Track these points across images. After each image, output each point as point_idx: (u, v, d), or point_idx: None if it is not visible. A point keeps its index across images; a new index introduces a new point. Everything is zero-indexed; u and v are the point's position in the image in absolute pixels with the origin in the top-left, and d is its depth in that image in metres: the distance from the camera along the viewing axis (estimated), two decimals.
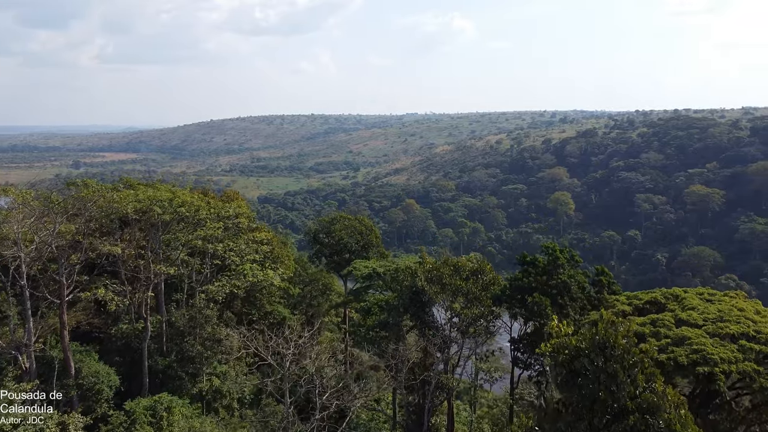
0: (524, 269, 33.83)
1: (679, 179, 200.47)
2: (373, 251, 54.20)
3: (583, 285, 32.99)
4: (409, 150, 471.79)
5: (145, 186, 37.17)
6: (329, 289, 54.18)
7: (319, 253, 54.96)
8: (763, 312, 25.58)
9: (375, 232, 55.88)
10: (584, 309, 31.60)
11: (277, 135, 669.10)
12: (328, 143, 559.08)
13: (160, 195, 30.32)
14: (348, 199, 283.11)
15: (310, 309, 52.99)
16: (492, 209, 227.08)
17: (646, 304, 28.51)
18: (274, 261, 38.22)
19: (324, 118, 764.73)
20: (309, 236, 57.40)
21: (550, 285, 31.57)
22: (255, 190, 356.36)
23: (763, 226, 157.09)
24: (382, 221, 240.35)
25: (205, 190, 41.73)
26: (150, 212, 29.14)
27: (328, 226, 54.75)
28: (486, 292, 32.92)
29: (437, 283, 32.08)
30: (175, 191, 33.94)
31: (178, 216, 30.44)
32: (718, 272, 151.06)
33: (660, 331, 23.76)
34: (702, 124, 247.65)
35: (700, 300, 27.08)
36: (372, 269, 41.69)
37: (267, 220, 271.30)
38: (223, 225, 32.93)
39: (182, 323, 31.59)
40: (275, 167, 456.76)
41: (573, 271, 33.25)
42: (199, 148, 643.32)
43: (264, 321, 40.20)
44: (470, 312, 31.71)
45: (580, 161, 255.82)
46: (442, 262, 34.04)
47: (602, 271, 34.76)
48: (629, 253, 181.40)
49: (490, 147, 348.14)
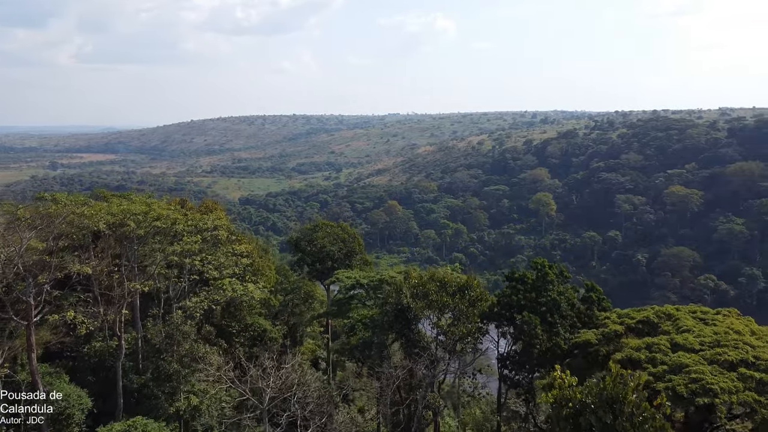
0: (513, 286, 33.17)
1: (659, 180, 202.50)
2: (357, 259, 53.36)
3: (573, 302, 32.44)
4: (391, 150, 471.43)
5: (119, 198, 35.83)
6: (311, 297, 53.29)
7: (301, 261, 53.94)
8: (758, 333, 25.24)
9: (358, 240, 55.04)
10: (574, 327, 31.08)
11: (259, 135, 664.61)
12: (309, 144, 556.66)
13: (135, 208, 29.11)
14: (330, 200, 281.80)
15: (292, 318, 52.02)
16: (474, 210, 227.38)
17: (639, 324, 28.05)
18: (255, 273, 37.19)
19: (306, 119, 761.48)
20: (291, 244, 56.33)
21: (539, 302, 30.97)
22: (236, 191, 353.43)
23: (740, 226, 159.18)
24: (365, 223, 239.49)
25: (182, 201, 40.47)
26: (124, 226, 28.01)
27: (310, 233, 53.77)
28: (473, 308, 32.23)
29: (423, 298, 31.33)
30: (151, 203, 32.74)
31: (153, 230, 29.31)
32: (697, 272, 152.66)
33: (656, 357, 23.24)
34: (680, 125, 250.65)
35: (694, 320, 26.66)
36: (355, 280, 40.85)
37: (248, 221, 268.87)
38: (201, 238, 31.85)
39: (159, 340, 30.46)
40: (256, 168, 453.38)
41: (562, 287, 32.69)
42: (179, 148, 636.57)
43: (244, 333, 39.18)
44: (457, 330, 30.98)
45: (561, 162, 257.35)
46: (429, 278, 33.24)
47: (592, 287, 34.24)
48: (610, 253, 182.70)
49: (472, 148, 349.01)
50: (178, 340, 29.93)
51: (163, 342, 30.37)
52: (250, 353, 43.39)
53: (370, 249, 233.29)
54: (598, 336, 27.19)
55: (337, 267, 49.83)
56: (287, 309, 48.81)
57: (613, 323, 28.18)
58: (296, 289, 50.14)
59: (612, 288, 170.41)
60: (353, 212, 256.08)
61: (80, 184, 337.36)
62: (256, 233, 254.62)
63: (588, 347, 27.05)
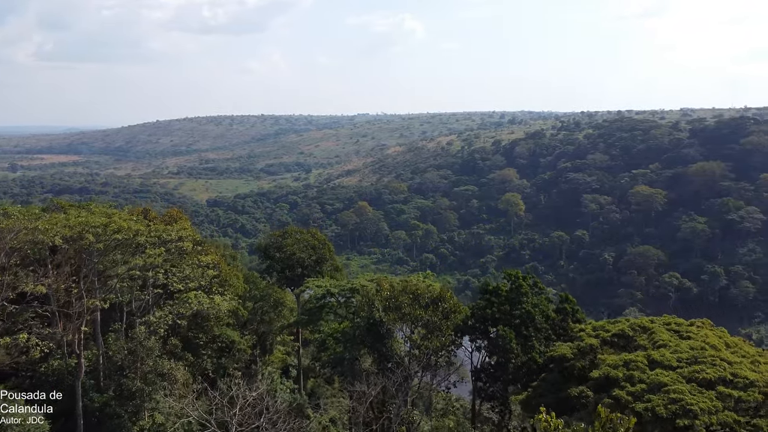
0: (487, 298, 32.83)
1: (624, 180, 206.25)
2: (327, 265, 52.57)
3: (548, 313, 32.27)
4: (360, 151, 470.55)
5: (77, 208, 34.33)
6: (281, 304, 52.29)
7: (270, 269, 52.87)
8: (733, 346, 25.36)
9: (328, 246, 54.24)
10: (549, 339, 30.90)
11: (227, 136, 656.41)
12: (278, 144, 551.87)
13: (94, 220, 27.72)
14: (300, 201, 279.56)
15: (262, 326, 50.95)
16: (444, 211, 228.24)
17: (614, 337, 27.98)
18: (222, 284, 36.11)
19: (274, 119, 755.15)
20: (259, 251, 55.20)
21: (513, 315, 30.71)
22: (204, 193, 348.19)
23: (702, 225, 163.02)
24: (335, 224, 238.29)
25: (146, 210, 39.06)
26: (82, 240, 26.72)
27: (279, 240, 52.75)
28: (447, 320, 31.80)
29: (395, 311, 30.77)
30: (112, 214, 31.40)
31: (114, 242, 28.07)
32: (662, 270, 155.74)
33: (634, 375, 23.11)
34: (644, 125, 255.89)
35: (669, 333, 26.70)
36: (326, 289, 40.11)
37: (216, 224, 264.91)
38: (165, 249, 30.67)
39: (121, 356, 29.26)
40: (224, 169, 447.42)
41: (537, 299, 32.52)
42: (144, 149, 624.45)
43: (212, 345, 38.09)
44: (431, 343, 30.51)
45: (529, 162, 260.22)
46: (401, 290, 32.66)
47: (566, 299, 34.13)
48: (577, 252, 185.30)
49: (442, 148, 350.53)
50: (142, 357, 28.80)
51: (126, 358, 29.18)
52: (218, 364, 42.35)
53: (340, 250, 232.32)
54: (574, 350, 27.04)
55: (307, 274, 49.01)
56: (256, 317, 47.77)
57: (588, 336, 28.07)
58: (266, 296, 49.14)
59: (580, 287, 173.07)
60: (323, 213, 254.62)
61: (42, 187, 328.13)
62: (224, 235, 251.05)
63: (564, 361, 26.89)
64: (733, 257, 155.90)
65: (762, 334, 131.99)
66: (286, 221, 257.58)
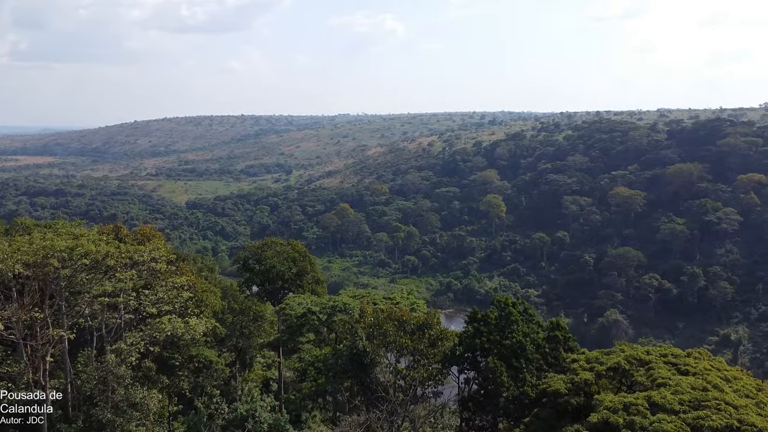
0: (476, 327, 31.83)
1: (604, 181, 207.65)
2: (308, 278, 51.39)
3: (539, 342, 31.39)
4: (341, 152, 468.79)
5: (43, 228, 32.70)
6: (261, 318, 50.98)
7: (249, 281, 51.52)
8: (733, 380, 24.71)
9: (309, 258, 53.03)
10: (541, 369, 30.05)
11: (206, 136, 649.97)
12: (259, 145, 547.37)
13: (59, 244, 26.23)
14: (281, 203, 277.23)
15: (241, 340, 49.59)
16: (426, 212, 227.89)
17: (610, 371, 27.18)
18: (198, 305, 34.77)
19: (254, 119, 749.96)
20: (238, 263, 53.80)
21: (504, 345, 29.79)
22: (183, 195, 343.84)
23: (681, 226, 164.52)
24: (316, 226, 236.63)
25: (117, 228, 37.48)
26: (47, 266, 25.29)
27: (258, 252, 51.46)
28: (434, 348, 30.81)
29: (380, 339, 29.70)
30: (80, 234, 29.86)
31: (82, 267, 26.63)
32: (642, 271, 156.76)
33: (635, 421, 22.14)
34: (623, 127, 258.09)
35: (667, 367, 25.95)
36: (307, 308, 38.95)
37: (196, 227, 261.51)
38: (137, 272, 29.31)
39: (91, 386, 27.87)
40: (204, 170, 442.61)
41: (527, 327, 31.62)
42: (122, 150, 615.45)
43: (188, 365, 36.78)
44: (417, 374, 29.52)
45: (510, 163, 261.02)
46: (386, 317, 31.53)
47: (557, 325, 33.29)
48: (558, 253, 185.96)
49: (423, 149, 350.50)
50: (113, 386, 27.43)
51: (96, 387, 27.78)
52: (195, 383, 41.00)
53: (322, 253, 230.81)
54: (568, 384, 26.21)
55: (288, 287, 47.77)
56: (235, 332, 46.44)
57: (582, 370, 27.24)
58: (245, 310, 47.85)
59: (561, 288, 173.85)
60: (304, 215, 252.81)
61: (16, 189, 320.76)
62: (204, 238, 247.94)
63: (557, 397, 26.05)
64: (711, 258, 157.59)
65: (740, 334, 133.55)
66: (266, 224, 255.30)
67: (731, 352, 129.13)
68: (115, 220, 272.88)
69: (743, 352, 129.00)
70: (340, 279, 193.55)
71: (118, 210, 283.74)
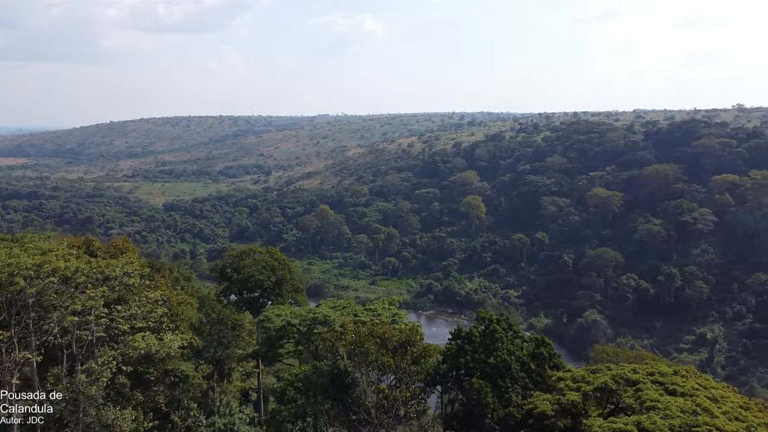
0: (459, 345, 31.30)
1: (582, 182, 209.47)
2: (287, 286, 50.58)
3: (524, 360, 30.96)
4: (321, 152, 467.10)
5: (9, 243, 31.41)
6: (240, 327, 50.09)
7: (228, 290, 50.55)
8: (722, 402, 24.57)
9: (288, 267, 52.20)
10: (526, 388, 29.65)
11: (184, 137, 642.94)
12: (237, 146, 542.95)
13: (25, 261, 25.11)
14: (260, 205, 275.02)
15: (219, 349, 48.63)
16: (406, 214, 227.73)
17: (597, 391, 26.86)
18: (173, 319, 33.80)
19: (233, 120, 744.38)
20: (216, 272, 52.78)
21: (488, 364, 29.31)
22: (160, 197, 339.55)
23: (658, 227, 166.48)
24: (296, 228, 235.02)
25: (88, 241, 36.26)
26: (12, 285, 24.20)
27: (236, 261, 50.50)
28: (416, 365, 30.22)
29: (361, 357, 29.04)
30: (48, 249, 28.71)
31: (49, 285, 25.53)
32: (620, 272, 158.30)
33: None
34: (601, 128, 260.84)
35: (655, 387, 25.72)
36: (286, 321, 38.19)
37: (173, 229, 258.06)
38: (109, 288, 28.28)
39: (60, 407, 26.84)
40: (182, 171, 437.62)
41: (512, 345, 31.16)
42: (98, 151, 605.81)
43: (164, 380, 35.82)
44: (400, 393, 28.92)
45: (490, 165, 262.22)
46: (367, 334, 30.86)
47: (542, 342, 32.88)
48: (538, 254, 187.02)
49: (403, 150, 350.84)
50: (84, 407, 26.45)
51: (66, 409, 26.78)
52: (171, 397, 40.00)
53: (302, 255, 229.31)
54: (554, 405, 25.90)
55: (267, 296, 46.94)
56: (213, 342, 45.49)
57: (569, 390, 26.93)
58: (223, 319, 46.95)
59: (540, 288, 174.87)
60: (284, 217, 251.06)
61: None
62: (182, 241, 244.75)
63: (544, 419, 25.74)
64: (687, 258, 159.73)
65: (716, 333, 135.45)
66: (245, 226, 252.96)
67: (707, 350, 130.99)
68: (91, 222, 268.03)
69: (719, 350, 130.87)
70: (321, 281, 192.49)
71: (94, 212, 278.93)
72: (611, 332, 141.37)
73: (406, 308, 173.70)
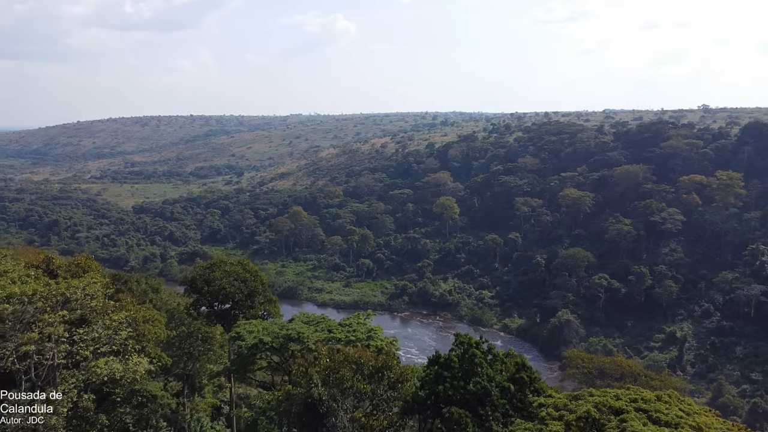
0: (438, 372, 30.54)
1: (554, 182, 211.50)
2: (260, 298, 49.47)
3: (504, 386, 30.36)
4: (294, 153, 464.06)
5: None
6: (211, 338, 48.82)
7: (198, 303, 49.24)
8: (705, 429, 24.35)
9: (260, 278, 50.99)
10: (507, 415, 29.11)
11: (153, 137, 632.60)
12: (209, 146, 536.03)
13: None
14: (232, 206, 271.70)
15: (190, 362, 47.33)
16: (380, 215, 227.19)
17: (580, 421, 26.42)
18: (139, 339, 32.53)
19: (204, 119, 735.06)
20: (185, 284, 51.38)
21: (468, 391, 28.67)
22: (129, 199, 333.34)
23: (628, 227, 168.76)
24: (269, 230, 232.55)
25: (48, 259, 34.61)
26: None
27: (206, 273, 49.20)
28: (394, 391, 29.45)
29: (336, 386, 28.17)
30: (2, 271, 27.22)
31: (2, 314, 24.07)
32: (591, 271, 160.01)
33: None
34: (572, 129, 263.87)
35: (639, 416, 25.40)
36: (258, 339, 37.15)
37: (143, 232, 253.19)
38: (69, 311, 26.87)
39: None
40: (152, 172, 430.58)
41: (492, 371, 30.48)
42: (64, 152, 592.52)
43: (131, 400, 34.51)
44: (377, 422, 28.15)
45: (463, 165, 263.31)
46: (342, 360, 29.95)
47: (522, 365, 32.31)
48: (511, 254, 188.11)
49: (376, 151, 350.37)
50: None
51: None
52: (139, 416, 38.67)
53: (275, 257, 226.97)
54: None
55: (238, 308, 45.79)
56: (183, 356, 44.18)
57: (551, 419, 26.47)
58: (193, 332, 45.64)
59: (514, 288, 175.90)
60: (257, 219, 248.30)
61: None
62: (152, 244, 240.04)
63: None
64: (657, 257, 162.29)
65: (685, 332, 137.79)
66: (217, 228, 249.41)
67: (677, 349, 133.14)
68: (57, 226, 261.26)
69: (688, 348, 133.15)
70: (295, 284, 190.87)
71: (60, 215, 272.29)
72: (584, 332, 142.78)
73: (381, 310, 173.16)
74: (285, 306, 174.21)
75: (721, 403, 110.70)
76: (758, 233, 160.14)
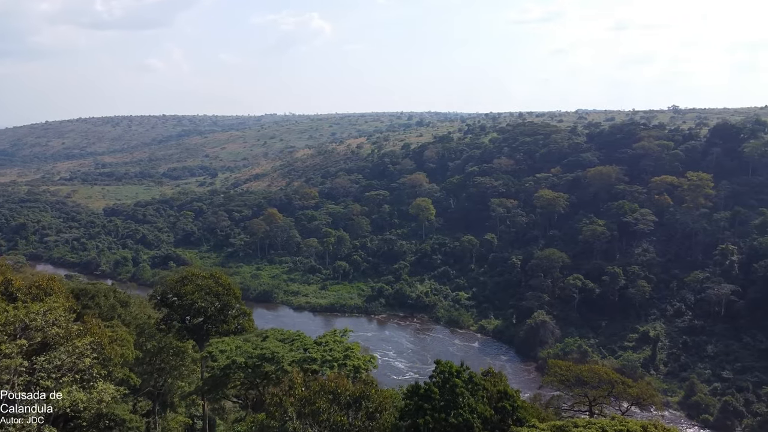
0: (418, 404, 29.77)
1: (528, 183, 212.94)
2: (233, 312, 48.30)
3: (486, 416, 29.74)
4: (269, 153, 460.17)
5: None
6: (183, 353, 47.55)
7: (169, 318, 47.87)
8: None
9: (234, 291, 49.72)
10: None
11: (125, 138, 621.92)
12: (182, 147, 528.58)
13: None
14: (206, 208, 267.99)
15: (161, 379, 46.02)
16: (356, 216, 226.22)
17: None
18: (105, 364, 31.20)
19: (177, 119, 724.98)
20: (155, 298, 49.94)
21: (450, 423, 27.99)
22: (100, 201, 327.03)
23: (602, 227, 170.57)
24: (244, 232, 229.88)
25: (7, 281, 32.76)
26: None
27: (178, 286, 47.83)
28: (372, 422, 28.65)
29: (312, 417, 27.31)
30: None
31: None
32: (566, 272, 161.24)
33: None
34: (546, 130, 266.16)
35: None
36: (231, 360, 36.08)
37: (114, 235, 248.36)
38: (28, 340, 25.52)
39: None
40: (123, 174, 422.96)
41: (473, 400, 29.85)
42: (32, 153, 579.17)
43: (97, 425, 33.19)
44: None
45: (438, 166, 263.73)
46: (318, 390, 29.01)
47: (504, 394, 31.75)
48: (487, 256, 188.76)
49: (352, 152, 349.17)
50: None
51: None
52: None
53: (250, 260, 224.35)
54: None
55: (211, 323, 44.59)
56: (153, 373, 42.87)
57: None
58: (164, 347, 44.33)
59: (490, 289, 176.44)
60: (231, 221, 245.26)
61: None
62: (124, 247, 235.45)
63: None
64: (630, 257, 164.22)
65: (658, 331, 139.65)
66: (191, 230, 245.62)
67: (650, 348, 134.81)
68: (25, 230, 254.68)
69: (661, 348, 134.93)
70: (270, 287, 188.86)
71: (28, 219, 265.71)
72: (559, 332, 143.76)
73: (357, 312, 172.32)
74: (260, 310, 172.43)
75: (693, 402, 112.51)
76: (727, 233, 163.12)
